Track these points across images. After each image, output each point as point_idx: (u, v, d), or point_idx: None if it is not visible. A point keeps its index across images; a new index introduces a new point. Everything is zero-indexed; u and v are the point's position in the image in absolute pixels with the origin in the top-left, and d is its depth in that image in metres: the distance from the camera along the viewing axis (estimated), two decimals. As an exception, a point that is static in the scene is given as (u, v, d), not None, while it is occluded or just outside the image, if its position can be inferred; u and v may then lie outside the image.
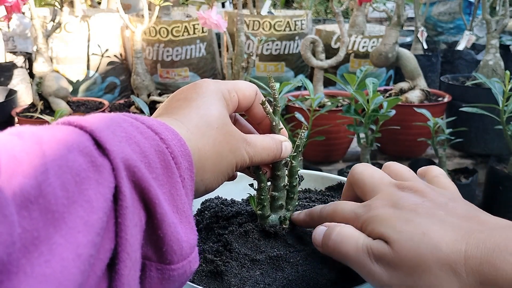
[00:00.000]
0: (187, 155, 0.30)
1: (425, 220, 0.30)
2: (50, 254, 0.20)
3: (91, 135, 0.25)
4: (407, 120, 1.40)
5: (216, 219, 0.46)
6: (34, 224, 0.19)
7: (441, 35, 2.84)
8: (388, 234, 0.30)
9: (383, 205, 0.32)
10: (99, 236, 0.22)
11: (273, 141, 0.38)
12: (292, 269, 0.38)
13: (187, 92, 0.35)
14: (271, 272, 0.38)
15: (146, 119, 0.29)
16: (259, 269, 0.38)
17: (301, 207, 0.47)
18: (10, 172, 0.19)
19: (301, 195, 0.51)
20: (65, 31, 1.82)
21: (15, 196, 0.19)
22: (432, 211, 0.31)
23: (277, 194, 0.41)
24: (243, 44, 1.32)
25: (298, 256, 0.39)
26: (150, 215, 0.26)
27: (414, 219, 0.30)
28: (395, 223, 0.30)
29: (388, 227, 0.30)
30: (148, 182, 0.25)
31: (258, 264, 0.38)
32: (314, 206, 0.48)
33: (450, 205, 0.32)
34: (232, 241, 0.40)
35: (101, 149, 0.24)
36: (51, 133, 0.23)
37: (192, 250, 0.28)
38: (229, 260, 0.38)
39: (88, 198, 0.22)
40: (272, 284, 0.36)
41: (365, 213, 0.33)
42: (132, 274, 0.24)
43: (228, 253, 0.39)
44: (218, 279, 0.37)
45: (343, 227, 0.34)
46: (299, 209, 0.47)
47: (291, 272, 0.37)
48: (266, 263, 0.38)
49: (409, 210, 0.31)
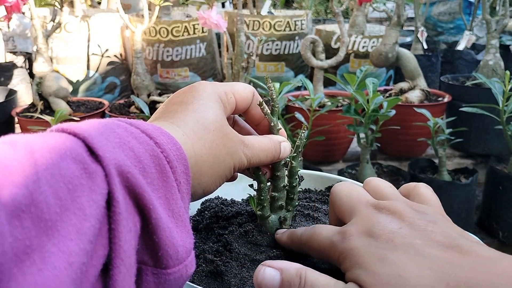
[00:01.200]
0: (183, 159, 0.30)
1: (401, 257, 0.28)
2: (42, 263, 0.20)
3: (84, 142, 0.25)
4: (407, 120, 1.40)
5: (216, 219, 0.46)
6: (26, 233, 0.19)
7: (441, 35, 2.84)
8: (363, 279, 0.28)
9: (358, 233, 0.30)
10: (91, 243, 0.22)
11: (271, 142, 0.38)
12: (292, 269, 0.38)
13: (183, 95, 0.35)
14: (271, 272, 0.37)
15: (141, 124, 0.29)
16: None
17: (301, 207, 0.47)
18: (1, 182, 0.19)
19: (301, 195, 0.51)
20: (65, 31, 1.83)
21: (6, 205, 0.19)
22: (409, 241, 0.28)
23: (277, 194, 0.41)
24: (243, 44, 1.32)
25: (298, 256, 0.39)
26: (145, 220, 0.26)
27: (390, 256, 0.28)
28: (369, 263, 0.28)
29: (363, 269, 0.28)
30: (142, 187, 0.25)
31: (258, 264, 0.38)
32: (314, 206, 0.48)
33: (429, 230, 0.29)
34: (232, 241, 0.40)
35: (94, 156, 0.24)
36: (43, 141, 0.23)
37: (188, 254, 0.28)
38: (229, 260, 0.38)
39: (80, 206, 0.22)
40: (272, 284, 0.36)
41: (340, 243, 0.31)
42: (127, 280, 0.24)
43: (228, 253, 0.39)
44: (218, 279, 0.37)
45: (311, 277, 0.29)
46: (299, 209, 0.47)
47: (291, 272, 0.37)
48: (266, 263, 0.38)
49: (385, 241, 0.29)
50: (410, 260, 0.27)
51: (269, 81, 0.40)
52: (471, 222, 1.37)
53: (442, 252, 0.27)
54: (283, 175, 0.41)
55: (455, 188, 1.29)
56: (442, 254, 0.27)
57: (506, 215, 1.30)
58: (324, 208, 0.48)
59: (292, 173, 0.41)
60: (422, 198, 0.34)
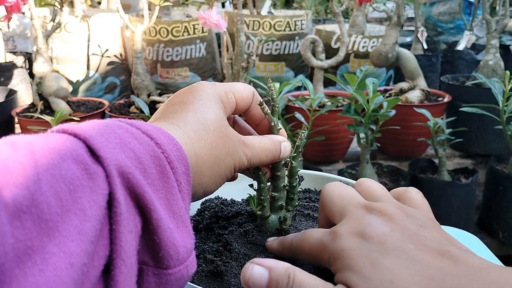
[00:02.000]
0: (184, 159, 0.30)
1: (393, 262, 0.27)
2: (44, 264, 0.20)
3: (85, 143, 0.25)
4: (407, 120, 1.40)
5: (216, 219, 0.46)
6: (27, 234, 0.19)
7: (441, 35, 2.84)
8: (354, 282, 0.27)
9: (349, 233, 0.30)
10: (92, 244, 0.22)
11: (271, 142, 0.38)
12: (292, 269, 0.38)
13: (183, 95, 0.35)
14: (271, 272, 0.37)
15: (142, 124, 0.29)
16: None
17: (301, 207, 0.47)
18: (2, 183, 0.19)
19: (301, 195, 0.51)
20: (65, 31, 1.83)
21: (7, 206, 0.19)
22: (400, 245, 0.28)
23: (277, 194, 0.41)
24: (243, 44, 1.32)
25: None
26: (146, 220, 0.26)
27: (382, 261, 0.27)
28: (361, 266, 0.28)
29: (354, 272, 0.28)
30: (143, 188, 0.26)
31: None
32: (314, 206, 0.48)
33: (420, 234, 0.29)
34: (232, 241, 0.40)
35: (95, 157, 0.24)
36: (44, 142, 0.23)
37: (189, 254, 0.28)
38: (229, 260, 0.38)
39: (81, 206, 0.22)
40: (272, 284, 0.36)
41: (331, 243, 0.30)
42: (128, 280, 0.24)
43: (228, 253, 0.39)
44: (218, 279, 0.37)
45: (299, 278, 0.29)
46: (299, 209, 0.47)
47: (291, 272, 0.37)
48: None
49: (376, 243, 0.29)
50: (402, 266, 0.27)
51: (270, 81, 0.40)
52: (471, 222, 1.37)
53: (433, 258, 0.27)
54: (283, 175, 0.41)
55: (455, 188, 1.29)
56: (433, 261, 0.27)
57: (506, 215, 1.30)
58: (324, 208, 0.48)
59: (292, 173, 0.41)
60: (413, 202, 0.34)
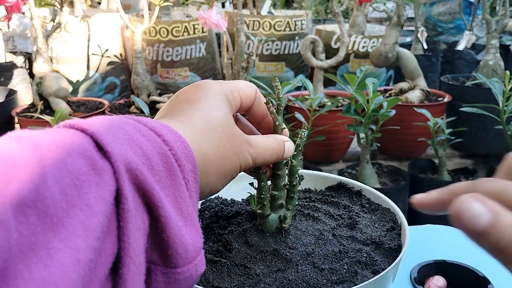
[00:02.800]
0: (191, 157, 0.29)
1: None
2: (49, 259, 0.19)
3: (92, 138, 0.24)
4: (407, 120, 1.40)
5: (216, 219, 0.46)
6: (32, 229, 0.19)
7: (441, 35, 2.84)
8: None
9: None
10: (99, 240, 0.22)
11: (275, 142, 0.38)
12: (292, 269, 0.38)
13: (189, 93, 0.35)
14: (271, 272, 0.38)
15: (149, 121, 0.29)
16: (259, 269, 0.38)
17: (301, 207, 0.47)
18: (7, 176, 0.19)
19: (301, 195, 0.51)
20: (65, 31, 1.83)
21: (12, 200, 0.19)
22: None
23: (277, 193, 0.41)
24: (243, 44, 1.32)
25: (298, 256, 0.39)
26: (154, 218, 0.26)
27: None
28: None
29: None
30: (150, 185, 0.25)
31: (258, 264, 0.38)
32: (314, 206, 0.48)
33: None
34: (232, 241, 0.40)
35: (102, 152, 0.24)
36: (50, 137, 0.23)
37: (198, 253, 0.28)
38: (229, 260, 0.38)
39: (88, 202, 0.22)
40: (272, 284, 0.36)
41: None
42: (136, 278, 0.24)
43: (228, 253, 0.39)
44: (218, 279, 0.37)
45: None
46: (299, 209, 0.47)
47: (291, 272, 0.37)
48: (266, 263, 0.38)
49: None
50: None
51: (277, 80, 0.40)
52: (471, 222, 1.37)
53: None
54: (283, 174, 0.41)
55: (455, 188, 1.28)
56: None
57: (506, 215, 1.30)
58: (324, 208, 0.48)
59: (292, 172, 0.41)
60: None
